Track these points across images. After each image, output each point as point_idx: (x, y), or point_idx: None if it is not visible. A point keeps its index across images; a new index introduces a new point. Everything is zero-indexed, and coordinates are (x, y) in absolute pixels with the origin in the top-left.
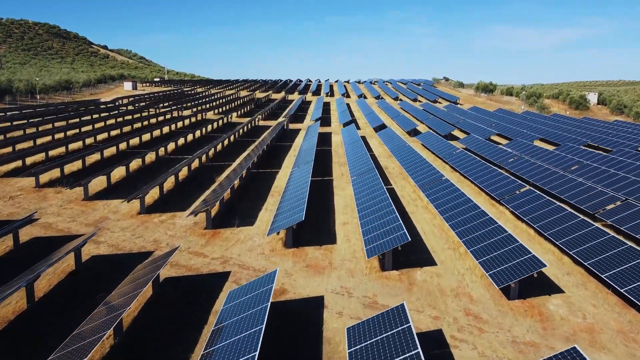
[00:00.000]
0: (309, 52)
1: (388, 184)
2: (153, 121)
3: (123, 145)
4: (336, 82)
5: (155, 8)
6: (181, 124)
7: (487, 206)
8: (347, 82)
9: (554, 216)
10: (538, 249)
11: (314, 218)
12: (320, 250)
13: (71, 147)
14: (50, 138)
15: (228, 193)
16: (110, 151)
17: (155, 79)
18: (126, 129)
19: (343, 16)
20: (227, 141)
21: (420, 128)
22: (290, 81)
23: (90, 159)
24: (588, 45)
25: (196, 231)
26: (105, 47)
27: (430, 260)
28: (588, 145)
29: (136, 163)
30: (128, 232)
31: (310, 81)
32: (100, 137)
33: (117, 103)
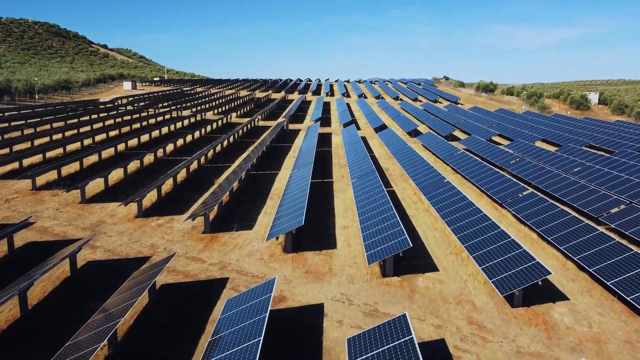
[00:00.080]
0: (309, 52)
1: (389, 186)
2: (152, 122)
3: (121, 146)
4: (336, 82)
5: (155, 7)
6: (180, 125)
7: (489, 209)
8: (347, 82)
9: (558, 220)
10: (541, 254)
11: (314, 221)
12: (320, 255)
13: (69, 149)
14: (48, 139)
15: (227, 196)
16: (108, 152)
17: (155, 79)
18: (125, 130)
19: (343, 16)
20: (227, 142)
21: (420, 128)
22: (290, 81)
23: (88, 161)
24: (588, 44)
25: (194, 235)
26: (105, 47)
27: (432, 265)
28: (590, 146)
29: (134, 165)
30: (125, 237)
31: (310, 81)
32: (98, 138)
33: (116, 103)
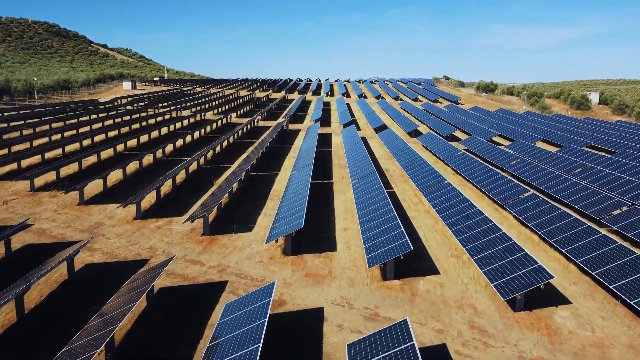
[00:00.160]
0: (309, 52)
1: (389, 187)
2: (151, 122)
3: (120, 147)
4: (336, 82)
5: (155, 7)
6: (180, 125)
7: (490, 211)
8: (347, 82)
9: (559, 222)
10: (543, 257)
11: (314, 223)
12: (320, 258)
13: (68, 149)
14: (47, 139)
15: (226, 197)
16: (107, 153)
17: (155, 78)
18: (124, 130)
19: (343, 15)
20: (226, 142)
21: (421, 129)
22: (290, 80)
23: (86, 162)
24: (588, 44)
25: (193, 237)
26: (105, 46)
27: (432, 268)
28: (591, 146)
29: (133, 165)
30: (123, 239)
31: (310, 80)
32: (97, 139)
33: (116, 103)
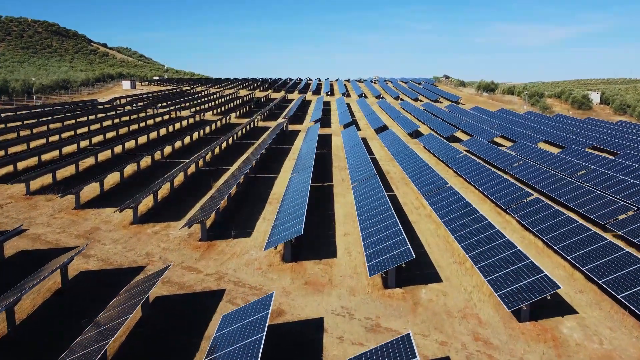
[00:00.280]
0: (309, 51)
1: (390, 190)
2: (150, 122)
3: (118, 148)
4: (336, 81)
5: (155, 6)
6: (179, 125)
7: (493, 215)
8: (348, 81)
9: (564, 228)
10: (548, 263)
11: (314, 228)
12: (320, 264)
13: (65, 151)
14: (44, 141)
15: (225, 201)
16: (105, 155)
17: (154, 78)
18: (122, 131)
19: (343, 14)
20: (225, 144)
21: (421, 129)
22: (290, 80)
23: (84, 164)
24: (589, 43)
25: (190, 243)
26: (104, 45)
27: (435, 276)
28: (593, 147)
29: (131, 168)
30: (119, 245)
31: (310, 80)
32: (95, 140)
33: (115, 103)
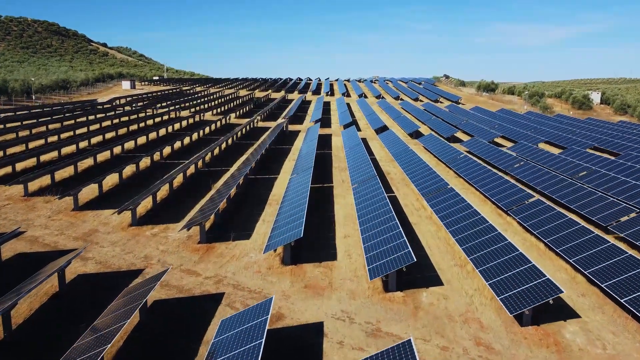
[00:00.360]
0: (309, 50)
1: (390, 192)
2: (150, 123)
3: (117, 149)
4: (336, 81)
5: (155, 6)
6: (179, 126)
7: (494, 216)
8: (348, 81)
9: (566, 230)
10: (549, 266)
11: (314, 230)
12: (319, 267)
13: (64, 152)
14: (43, 141)
15: (224, 203)
16: (104, 156)
17: (154, 78)
18: (122, 132)
19: (343, 14)
20: (225, 144)
21: (422, 130)
22: (290, 80)
23: (82, 165)
24: (589, 42)
25: (189, 246)
26: (104, 45)
27: (436, 279)
28: (594, 148)
29: (130, 169)
30: (118, 247)
31: (310, 80)
32: (94, 140)
33: (114, 103)
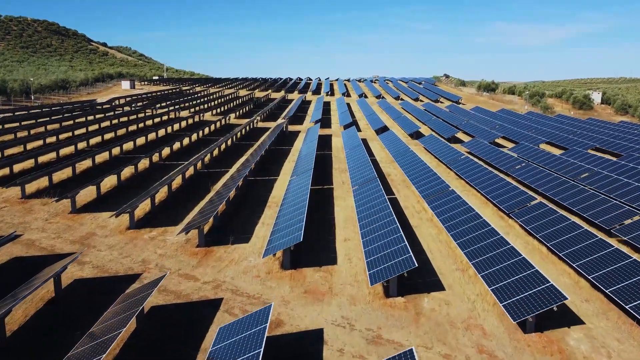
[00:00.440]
0: (309, 50)
1: (390, 193)
2: (149, 123)
3: (116, 150)
4: (336, 81)
5: (155, 6)
6: (178, 126)
7: (496, 219)
8: (348, 81)
9: (569, 234)
10: (552, 270)
11: (314, 233)
12: (319, 272)
13: (62, 153)
14: (41, 142)
15: (223, 205)
16: (102, 157)
17: (154, 77)
18: (121, 132)
19: (343, 13)
20: (224, 145)
21: (422, 130)
22: (290, 80)
23: (81, 166)
24: (589, 42)
25: (188, 249)
26: (104, 44)
27: (437, 284)
28: (596, 149)
29: (129, 170)
30: (115, 251)
31: (310, 80)
32: (93, 141)
33: (113, 104)
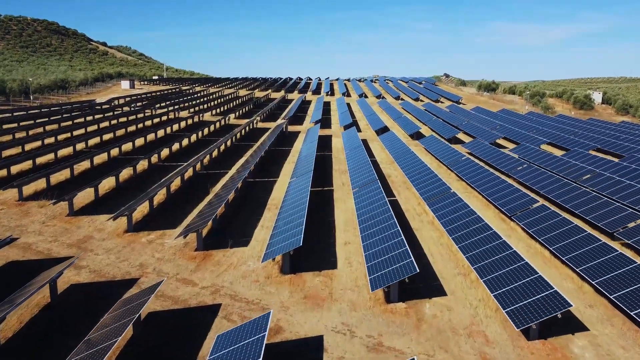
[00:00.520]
0: (310, 50)
1: (391, 195)
2: (148, 123)
3: (115, 151)
4: (336, 81)
5: (155, 5)
6: (177, 127)
7: (497, 221)
8: (348, 81)
9: (572, 238)
10: (555, 275)
11: (314, 235)
12: (319, 276)
13: (61, 154)
14: (39, 143)
15: (222, 208)
16: (101, 158)
17: (154, 77)
18: (120, 133)
19: (343, 13)
20: (224, 146)
21: (423, 130)
22: (290, 79)
23: (79, 167)
24: (589, 42)
25: (186, 253)
26: (104, 44)
27: (439, 289)
28: (597, 149)
29: (127, 172)
30: (112, 255)
31: (310, 79)
32: (92, 142)
33: (113, 104)
